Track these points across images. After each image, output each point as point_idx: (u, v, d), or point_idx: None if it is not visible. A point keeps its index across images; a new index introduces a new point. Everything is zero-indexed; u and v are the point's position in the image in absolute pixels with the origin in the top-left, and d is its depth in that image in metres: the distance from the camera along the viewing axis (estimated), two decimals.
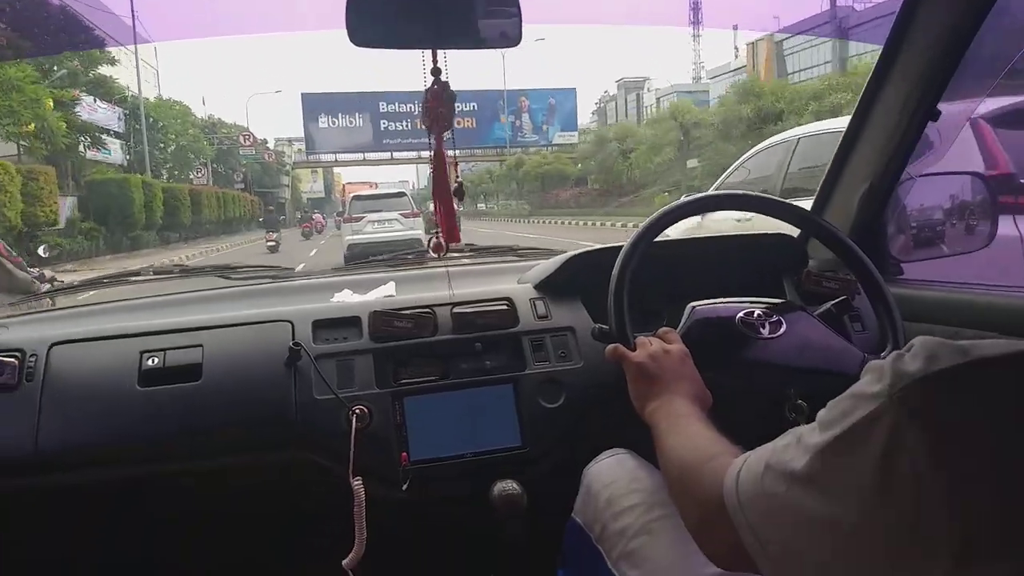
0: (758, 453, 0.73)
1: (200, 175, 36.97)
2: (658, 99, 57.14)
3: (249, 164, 45.79)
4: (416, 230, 13.56)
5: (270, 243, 20.44)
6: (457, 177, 1.23)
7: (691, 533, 0.85)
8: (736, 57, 52.40)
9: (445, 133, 1.20)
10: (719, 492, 0.75)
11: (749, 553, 0.70)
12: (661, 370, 1.11)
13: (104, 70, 25.72)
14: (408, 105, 52.44)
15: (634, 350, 1.17)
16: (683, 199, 1.39)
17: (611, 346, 1.20)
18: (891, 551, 0.57)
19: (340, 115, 53.77)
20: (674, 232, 1.52)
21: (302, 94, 54.25)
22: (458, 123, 1.22)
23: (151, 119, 30.63)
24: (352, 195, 16.46)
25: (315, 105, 53.18)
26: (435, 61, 1.18)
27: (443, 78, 1.18)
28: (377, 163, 56.96)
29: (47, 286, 2.35)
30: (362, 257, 3.05)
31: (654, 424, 1.03)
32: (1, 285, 3.93)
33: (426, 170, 1.31)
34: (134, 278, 2.01)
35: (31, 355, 1.42)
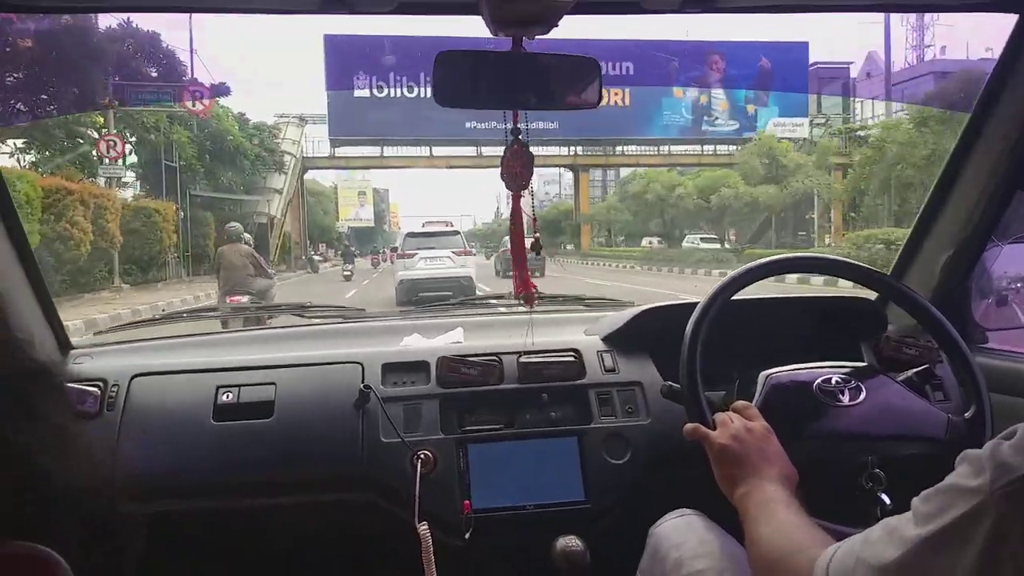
0: (847, 545, 0.73)
1: None
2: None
3: (161, 119, 18.11)
4: (467, 268, 13.36)
5: (346, 273, 21.49)
6: (535, 233, 1.24)
7: None
8: None
9: (523, 192, 1.20)
10: None
11: None
12: (746, 452, 1.07)
13: None
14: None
15: (712, 426, 1.14)
16: (760, 261, 1.35)
17: (690, 425, 1.17)
18: None
19: (392, 77, 27.39)
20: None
21: (326, 36, 27.37)
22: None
23: None
24: (405, 232, 16.12)
25: (347, 56, 27.60)
26: (515, 121, 1.20)
27: (522, 138, 1.19)
28: (455, 161, 30.60)
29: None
30: (413, 293, 5.69)
31: (743, 510, 1.01)
32: (263, 281, 7.15)
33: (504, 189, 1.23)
34: (211, 313, 2.33)
35: (112, 385, 1.50)
